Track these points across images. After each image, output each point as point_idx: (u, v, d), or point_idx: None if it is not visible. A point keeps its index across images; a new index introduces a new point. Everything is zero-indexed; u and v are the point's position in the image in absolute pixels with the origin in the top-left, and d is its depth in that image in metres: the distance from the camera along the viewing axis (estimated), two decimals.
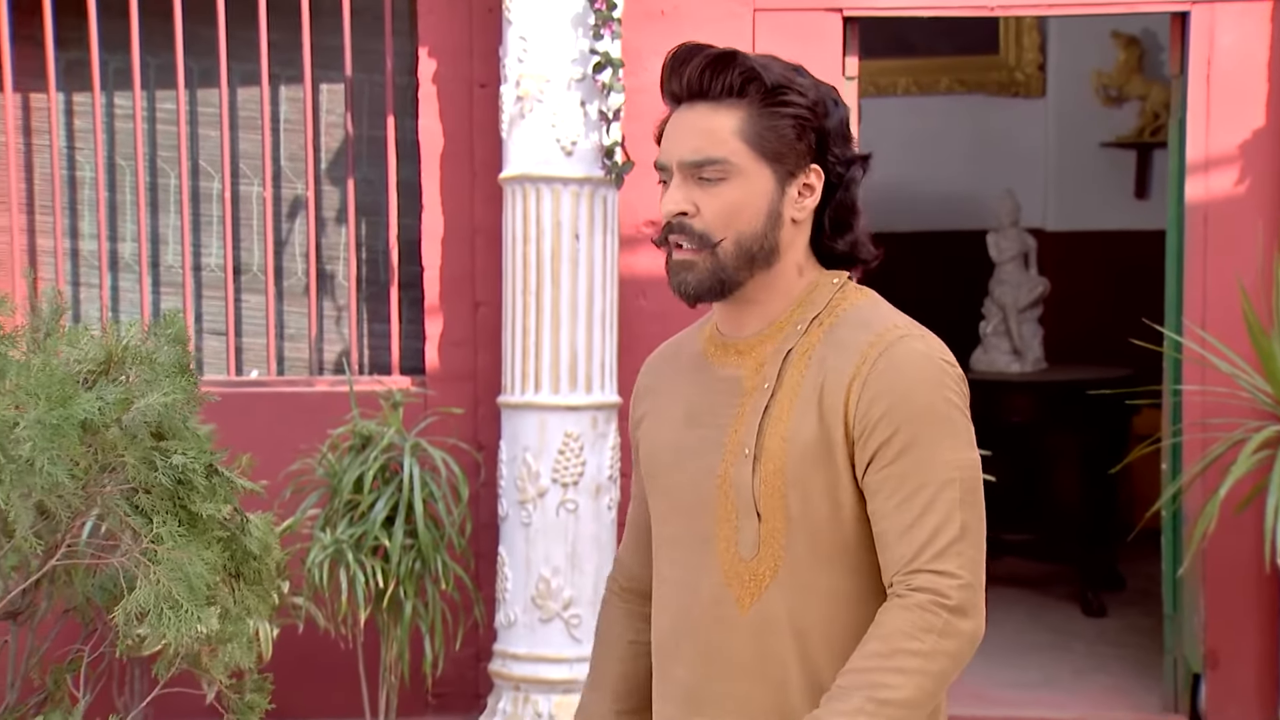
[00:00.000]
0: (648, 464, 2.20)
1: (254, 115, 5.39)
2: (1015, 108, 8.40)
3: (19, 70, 5.35)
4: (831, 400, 2.03)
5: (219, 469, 2.43)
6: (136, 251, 5.39)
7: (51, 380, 2.21)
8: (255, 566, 2.65)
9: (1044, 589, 6.97)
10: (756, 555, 2.07)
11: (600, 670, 2.29)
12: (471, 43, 5.10)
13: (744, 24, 5.13)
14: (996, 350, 6.94)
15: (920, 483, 1.99)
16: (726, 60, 2.01)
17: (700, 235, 2.04)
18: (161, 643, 2.28)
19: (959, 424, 2.04)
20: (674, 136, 2.06)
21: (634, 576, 2.31)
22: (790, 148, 2.04)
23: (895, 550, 2.00)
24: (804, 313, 2.11)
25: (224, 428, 4.90)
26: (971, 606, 1.99)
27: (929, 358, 2.04)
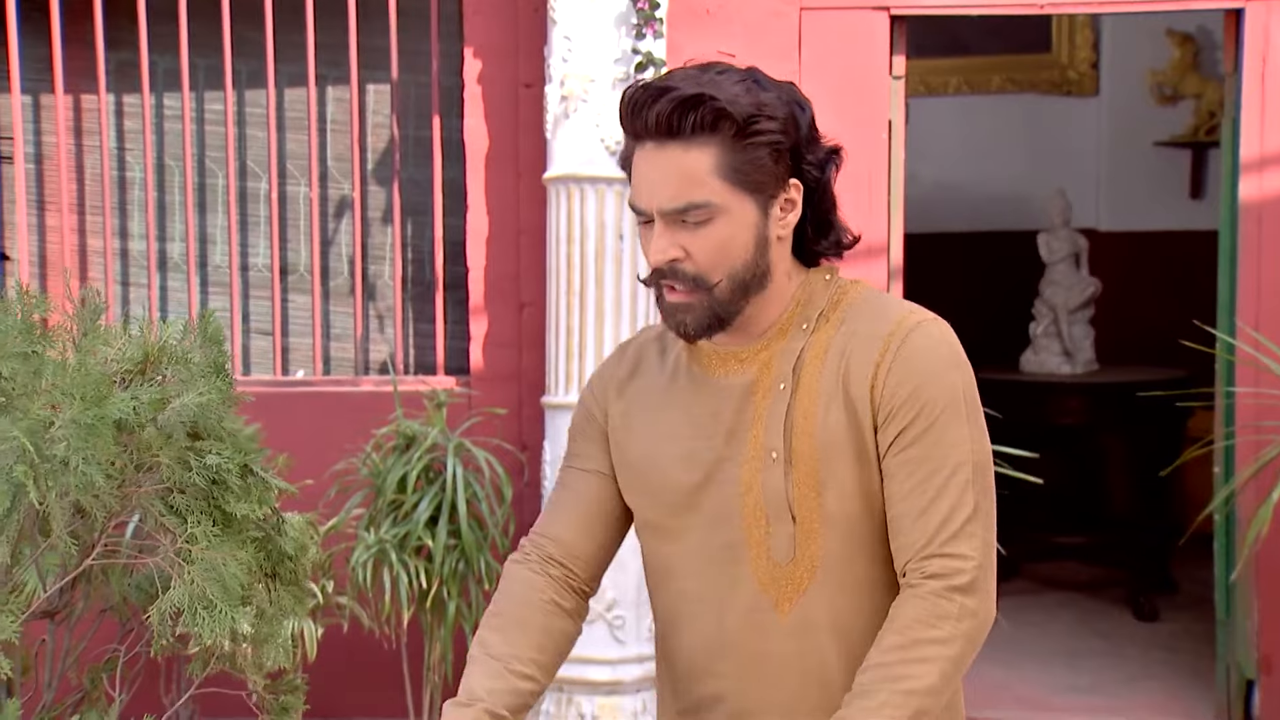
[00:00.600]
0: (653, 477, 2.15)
1: (301, 116, 5.40)
2: (1068, 107, 8.33)
3: (70, 71, 5.39)
4: (858, 390, 2.02)
5: (254, 469, 2.43)
6: (184, 251, 5.41)
7: (87, 380, 2.22)
8: (291, 567, 2.65)
9: (1096, 593, 6.91)
10: (793, 559, 2.06)
11: (516, 617, 2.14)
12: (517, 43, 5.09)
13: (789, 23, 5.09)
14: (1047, 352, 6.88)
15: (936, 465, 2.00)
16: (696, 101, 1.94)
17: (694, 278, 2.01)
18: (195, 645, 2.28)
19: (973, 407, 2.06)
20: (650, 182, 2.00)
21: (568, 549, 2.20)
22: (769, 174, 2.00)
23: (910, 535, 2.01)
24: (806, 311, 2.09)
25: (270, 427, 4.93)
26: (983, 588, 2.00)
27: (946, 342, 2.05)
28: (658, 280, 2.03)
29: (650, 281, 2.05)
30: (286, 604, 2.64)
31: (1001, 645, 6.06)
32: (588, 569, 2.21)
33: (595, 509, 2.21)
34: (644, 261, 4.68)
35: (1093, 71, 8.33)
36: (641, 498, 2.17)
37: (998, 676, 5.77)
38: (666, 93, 1.95)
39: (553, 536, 2.21)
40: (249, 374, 5.46)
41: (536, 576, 2.18)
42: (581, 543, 2.20)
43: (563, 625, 2.16)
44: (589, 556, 2.21)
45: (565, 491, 2.24)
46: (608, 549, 2.23)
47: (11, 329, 2.29)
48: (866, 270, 5.12)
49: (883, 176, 5.16)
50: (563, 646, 2.17)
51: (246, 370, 5.47)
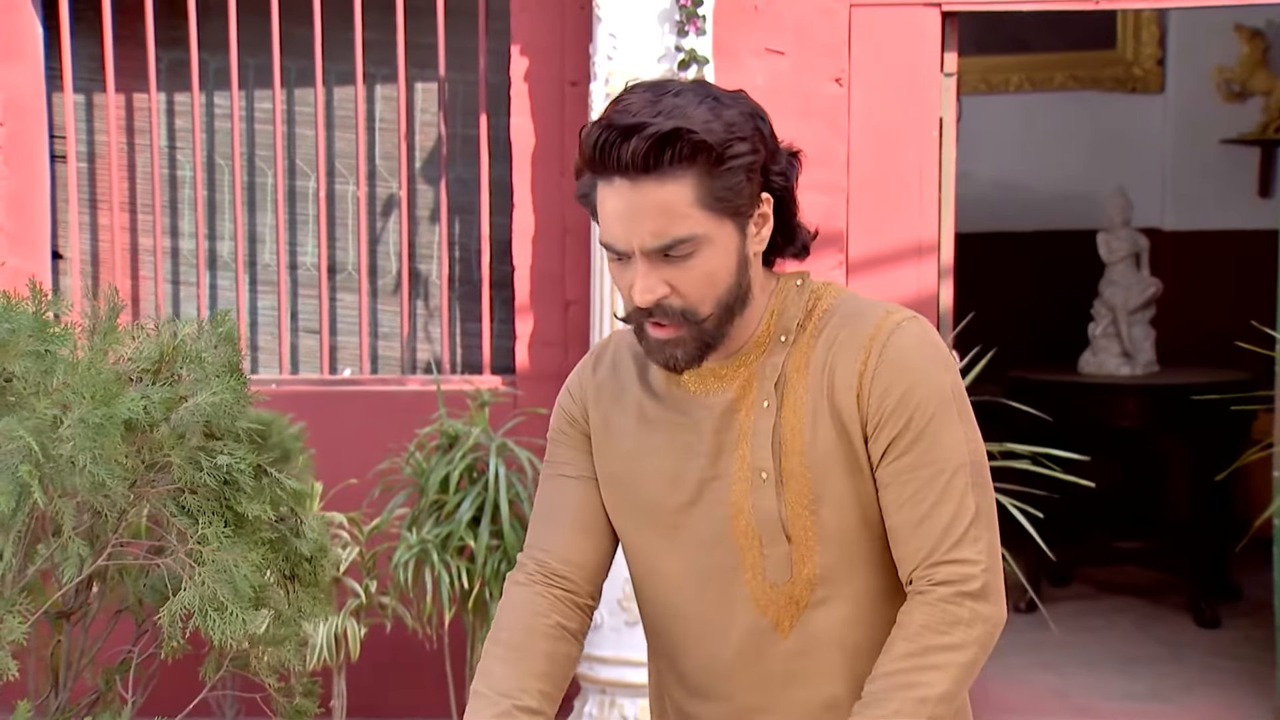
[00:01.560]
0: (635, 496, 2.09)
1: (350, 114, 5.40)
2: (1132, 104, 8.20)
3: (122, 71, 5.42)
4: (844, 400, 1.96)
5: (268, 470, 2.41)
6: (234, 250, 5.42)
7: (97, 379, 2.20)
8: (310, 568, 2.63)
9: (1155, 598, 6.79)
10: (790, 579, 2.00)
11: (520, 645, 2.06)
12: (563, 41, 5.07)
13: (839, 20, 5.04)
14: (1106, 353, 6.78)
15: (934, 471, 1.94)
16: (672, 136, 1.86)
17: (683, 313, 1.94)
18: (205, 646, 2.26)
19: (963, 405, 2.00)
20: (626, 219, 1.91)
21: (569, 562, 2.13)
22: (746, 196, 1.94)
23: (912, 543, 1.96)
24: (782, 323, 2.03)
25: (316, 426, 4.94)
26: (994, 590, 1.95)
27: (930, 341, 1.99)
28: (641, 319, 1.96)
29: (632, 319, 1.98)
30: (306, 606, 2.62)
31: (1056, 651, 5.99)
32: (591, 581, 2.15)
33: (590, 518, 2.14)
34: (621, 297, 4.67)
35: (1158, 68, 8.20)
36: (627, 518, 2.11)
37: (1051, 683, 5.69)
38: (637, 130, 1.87)
39: (553, 551, 2.14)
40: (297, 373, 5.47)
41: (540, 599, 2.11)
42: (582, 555, 2.14)
43: (567, 649, 2.10)
44: (591, 567, 2.14)
45: (556, 502, 2.17)
46: (608, 555, 2.17)
47: (23, 327, 2.28)
48: (917, 270, 5.06)
49: (933, 175, 5.09)
50: (567, 671, 2.11)
51: (295, 369, 5.48)
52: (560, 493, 2.16)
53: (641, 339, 1.98)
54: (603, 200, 1.92)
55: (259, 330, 5.49)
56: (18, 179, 5.32)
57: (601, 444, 2.12)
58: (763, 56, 4.99)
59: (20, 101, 5.32)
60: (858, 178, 5.08)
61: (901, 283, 5.07)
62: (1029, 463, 4.81)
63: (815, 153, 4.97)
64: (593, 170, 1.92)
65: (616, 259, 1.95)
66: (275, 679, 2.47)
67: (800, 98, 5.03)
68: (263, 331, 5.49)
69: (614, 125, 1.88)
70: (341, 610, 4.53)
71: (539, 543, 2.16)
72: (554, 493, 2.17)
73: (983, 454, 1.99)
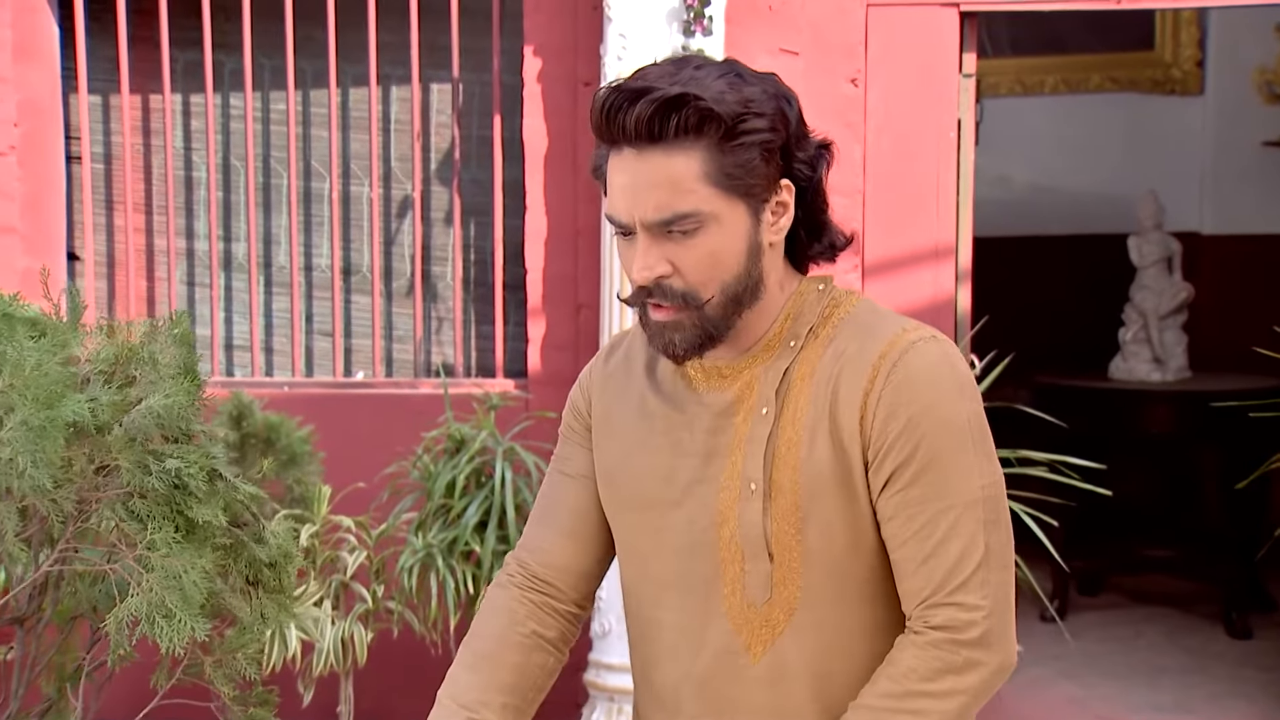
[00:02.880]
0: (625, 490, 2.00)
1: (365, 116, 5.37)
2: (1171, 106, 8.07)
3: (138, 72, 5.41)
4: (846, 421, 1.85)
5: (223, 474, 2.37)
6: (249, 251, 5.41)
7: (41, 381, 2.17)
8: (274, 574, 2.59)
9: (1186, 608, 6.67)
10: (769, 599, 1.89)
11: (488, 654, 2.00)
12: (576, 41, 5.02)
13: (855, 20, 4.96)
14: (1136, 359, 6.67)
15: (941, 506, 1.82)
16: (678, 102, 1.77)
17: (684, 294, 1.84)
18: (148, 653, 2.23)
19: (981, 435, 1.86)
20: (631, 192, 1.82)
21: (553, 566, 2.05)
22: (760, 176, 1.83)
23: (914, 581, 1.85)
24: (795, 327, 1.92)
25: (328, 429, 4.92)
26: (997, 636, 1.82)
27: (947, 362, 1.86)
28: (642, 299, 1.86)
29: (633, 300, 1.88)
30: (270, 612, 2.58)
31: (1080, 661, 5.89)
32: (578, 586, 2.07)
33: (581, 521, 2.06)
34: (625, 278, 4.62)
35: (1198, 70, 8.07)
36: (618, 515, 2.02)
37: (1071, 692, 5.60)
38: (645, 94, 1.78)
39: (537, 553, 2.07)
40: (311, 375, 5.45)
41: (518, 605, 2.04)
42: (569, 558, 2.06)
43: (541, 660, 2.03)
44: (579, 571, 2.07)
45: (551, 501, 2.09)
46: (600, 561, 2.08)
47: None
48: (934, 273, 4.99)
49: (951, 177, 5.01)
50: (541, 682, 2.04)
51: (309, 371, 5.46)
52: (556, 492, 2.09)
53: (644, 323, 1.90)
54: (611, 172, 1.85)
55: (273, 332, 5.47)
56: (33, 180, 5.32)
57: (601, 437, 2.04)
58: (777, 57, 4.92)
59: (36, 102, 5.32)
60: (874, 180, 5.00)
61: (918, 286, 4.99)
62: (1047, 470, 4.71)
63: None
64: (600, 137, 1.85)
65: (622, 234, 1.86)
66: (231, 688, 2.42)
67: (815, 99, 4.95)
68: (277, 333, 5.47)
69: (623, 89, 1.80)
70: (349, 615, 4.49)
71: (526, 543, 2.10)
72: (551, 491, 2.10)
73: (1000, 488, 1.87)
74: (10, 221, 5.23)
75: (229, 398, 4.69)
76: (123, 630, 2.22)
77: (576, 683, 4.98)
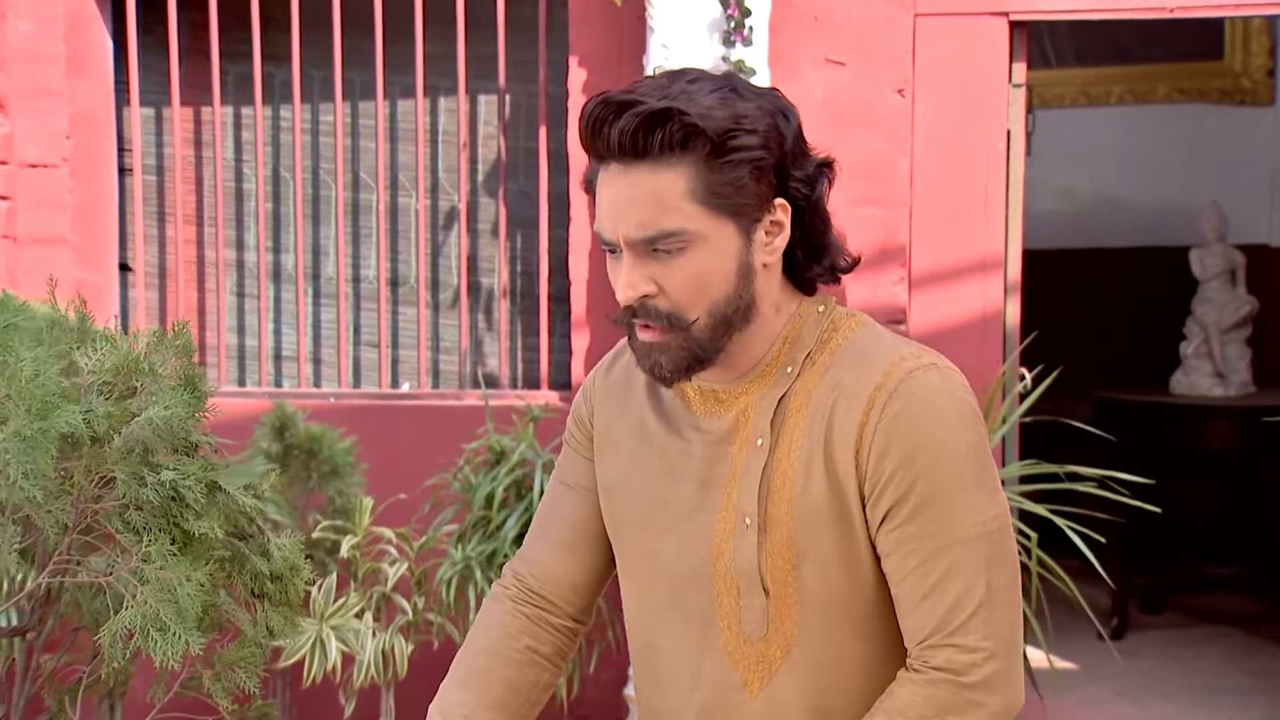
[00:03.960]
0: (623, 510, 1.96)
1: (412, 127, 5.38)
2: (1240, 116, 7.93)
3: (190, 84, 5.45)
4: (842, 454, 1.79)
5: (223, 487, 2.36)
6: (303, 263, 5.43)
7: (34, 392, 2.17)
8: (280, 588, 2.58)
9: (1250, 628, 6.53)
10: (765, 635, 1.84)
11: (480, 670, 1.98)
12: (620, 52, 5.00)
13: (903, 29, 4.91)
14: (1198, 373, 6.55)
15: (941, 543, 1.76)
16: (662, 116, 1.72)
17: (669, 315, 1.78)
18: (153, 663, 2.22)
19: (983, 467, 1.80)
20: (615, 208, 1.77)
21: (549, 579, 2.03)
22: (751, 195, 1.77)
23: (912, 619, 1.79)
24: (793, 352, 1.86)
25: (373, 441, 4.92)
26: (1001, 679, 1.76)
27: (946, 391, 1.79)
28: (628, 319, 1.81)
29: (620, 320, 1.83)
30: (276, 626, 2.57)
31: (1138, 681, 5.78)
32: (573, 600, 2.04)
33: (579, 534, 2.02)
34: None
35: (1268, 79, 7.93)
36: (618, 533, 1.98)
37: (1128, 712, 5.49)
38: (629, 107, 1.73)
39: (534, 566, 2.05)
40: (358, 386, 5.45)
41: (512, 619, 2.02)
42: (566, 571, 2.03)
43: (534, 675, 2.01)
44: (575, 585, 2.04)
45: (549, 511, 2.07)
46: (598, 574, 2.05)
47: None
48: (982, 286, 4.92)
49: (1000, 189, 4.94)
50: (534, 697, 2.02)
51: (356, 383, 5.46)
52: (555, 503, 2.06)
53: (632, 343, 1.85)
54: (599, 188, 1.80)
55: (321, 343, 5.48)
56: (85, 192, 5.36)
57: (603, 450, 2.00)
58: (822, 67, 4.87)
59: (88, 115, 5.36)
60: (921, 191, 4.94)
61: (966, 299, 4.93)
62: (1096, 485, 4.62)
63: (876, 166, 4.89)
64: (587, 150, 1.81)
65: (609, 252, 1.82)
66: (229, 701, 2.41)
67: (861, 109, 4.91)
68: (325, 345, 5.48)
69: (610, 101, 1.75)
70: (390, 627, 4.49)
71: (523, 555, 2.07)
72: (550, 502, 2.07)
73: (1004, 523, 1.80)
74: (62, 233, 5.28)
75: (272, 408, 4.70)
76: (117, 643, 2.21)
77: (619, 698, 4.96)
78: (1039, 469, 4.60)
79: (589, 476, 2.02)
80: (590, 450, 2.03)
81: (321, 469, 4.75)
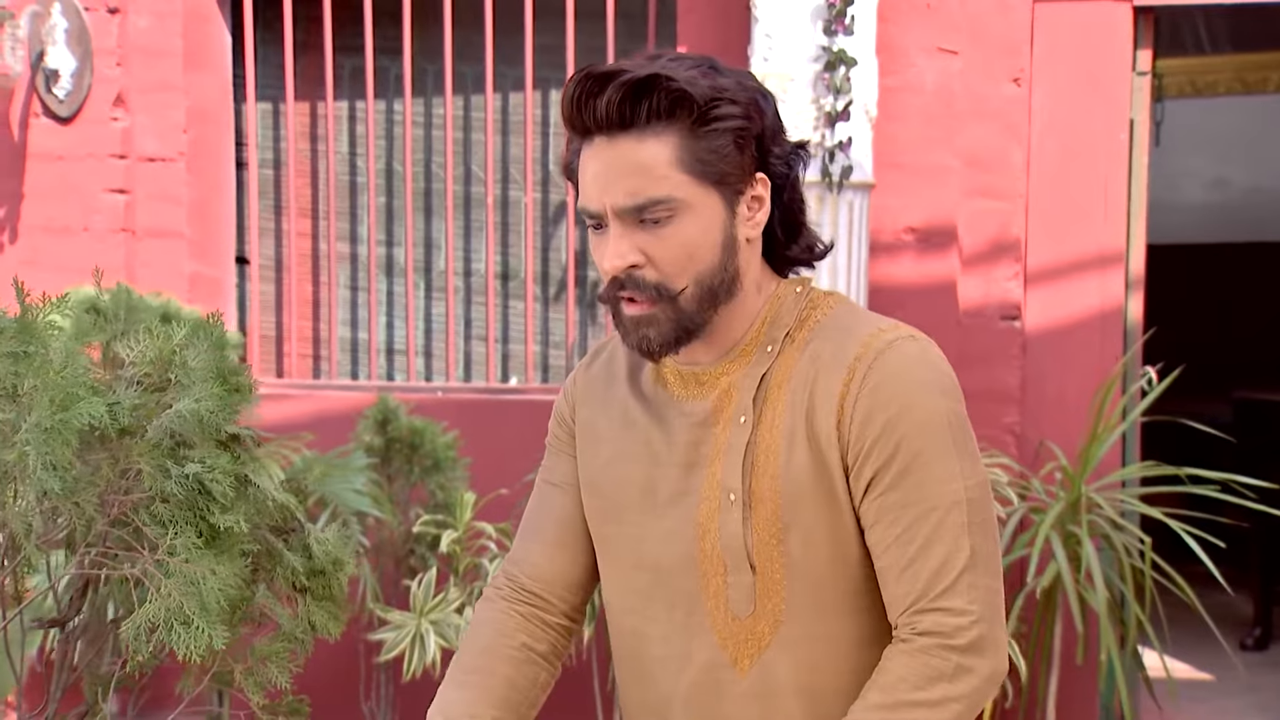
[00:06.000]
0: (607, 500, 1.94)
1: (523, 120, 5.34)
2: None
3: (306, 78, 5.48)
4: (824, 426, 1.78)
5: (253, 480, 2.33)
6: (414, 257, 5.43)
7: (58, 383, 2.16)
8: (324, 582, 2.55)
9: None
10: (753, 612, 1.83)
11: (478, 669, 1.96)
12: (727, 42, 4.90)
13: (1020, 16, 4.75)
14: None
15: (924, 509, 1.76)
16: (648, 84, 1.74)
17: (657, 286, 1.78)
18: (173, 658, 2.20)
19: (962, 435, 1.79)
20: (602, 179, 1.78)
21: (541, 577, 2.01)
22: (734, 165, 1.78)
23: (898, 587, 1.77)
24: (772, 331, 1.86)
25: (479, 435, 4.90)
26: (988, 642, 1.76)
27: (925, 361, 1.79)
28: (614, 292, 1.81)
29: (606, 296, 1.83)
30: (319, 620, 2.54)
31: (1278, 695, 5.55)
32: (566, 597, 2.02)
33: (569, 530, 2.01)
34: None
35: None
36: (602, 527, 1.96)
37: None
38: (614, 77, 1.74)
39: (525, 565, 2.03)
40: (469, 380, 5.44)
41: (505, 618, 2.01)
42: (557, 569, 2.01)
43: (532, 673, 1.98)
44: (568, 582, 2.02)
45: (537, 510, 2.05)
46: (589, 570, 2.02)
47: (6, 328, 2.25)
48: (1101, 281, 4.74)
49: (1122, 180, 4.76)
50: (533, 696, 1.99)
51: (466, 377, 5.45)
52: (543, 502, 2.05)
53: (617, 320, 1.84)
54: (583, 163, 1.81)
55: (432, 337, 5.48)
56: (201, 186, 5.42)
57: (584, 446, 1.99)
58: (934, 56, 4.74)
59: (205, 109, 5.42)
60: (1038, 184, 4.78)
61: (1083, 295, 4.76)
62: (1218, 489, 4.43)
63: (990, 157, 4.74)
64: (572, 127, 1.81)
65: (595, 228, 1.81)
66: (262, 696, 2.39)
67: (974, 100, 4.76)
68: (435, 338, 5.48)
69: (593, 75, 1.76)
70: None
71: (514, 555, 2.07)
72: (537, 502, 2.06)
73: (984, 490, 1.80)
74: (178, 226, 5.33)
75: (375, 402, 4.70)
76: (141, 636, 2.19)
77: None
78: (1158, 471, 4.43)
79: (574, 475, 2.02)
80: (573, 448, 2.03)
81: (423, 463, 4.74)
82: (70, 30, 5.26)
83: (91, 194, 5.34)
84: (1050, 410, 4.78)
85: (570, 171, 1.86)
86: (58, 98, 5.31)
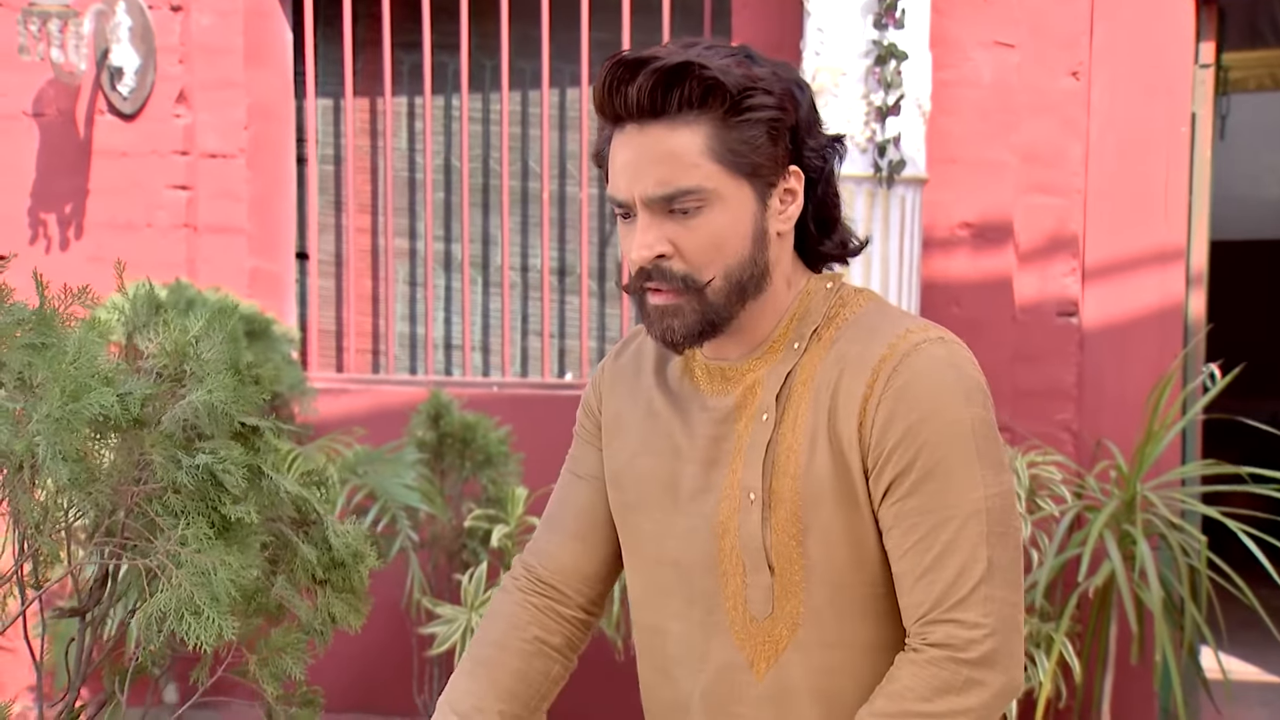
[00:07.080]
0: (630, 493, 1.91)
1: (579, 115, 5.34)
2: None
3: (366, 75, 5.51)
4: (845, 428, 1.74)
5: (267, 472, 2.34)
6: (472, 252, 5.44)
7: (69, 374, 2.17)
8: (344, 574, 2.55)
9: None
10: (771, 614, 1.80)
11: (487, 660, 1.96)
12: (781, 37, 4.88)
13: (1079, 8, 4.68)
14: None
15: (942, 517, 1.71)
16: (681, 72, 1.70)
17: (684, 278, 1.74)
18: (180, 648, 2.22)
19: (988, 442, 1.74)
20: (632, 166, 1.74)
21: (559, 569, 1.99)
22: (767, 156, 1.74)
23: (913, 595, 1.73)
24: (800, 328, 1.82)
25: (533, 430, 4.90)
26: (1002, 656, 1.71)
27: (952, 365, 1.74)
28: (640, 283, 1.77)
29: (632, 287, 1.79)
30: (339, 612, 2.54)
31: None
32: (583, 590, 2.00)
33: (589, 523, 1.98)
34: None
35: None
36: (625, 520, 1.94)
37: None
38: (647, 64, 1.71)
39: (544, 556, 2.01)
40: (525, 375, 5.45)
41: (520, 610, 1.99)
42: (575, 561, 1.99)
43: (544, 666, 1.97)
44: (585, 575, 2.00)
45: (559, 502, 2.03)
46: (608, 564, 2.00)
47: (25, 320, 2.28)
48: (1161, 277, 4.67)
49: (1183, 175, 4.68)
50: (545, 689, 1.98)
51: (523, 372, 5.46)
52: (565, 493, 2.03)
53: (642, 311, 1.80)
54: (614, 153, 1.78)
55: (489, 332, 5.49)
56: (262, 181, 5.46)
57: (610, 438, 1.97)
58: (990, 49, 4.68)
59: (266, 106, 5.46)
60: (1097, 179, 4.71)
61: (1143, 291, 4.68)
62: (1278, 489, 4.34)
63: (1047, 152, 4.68)
64: (603, 114, 1.78)
65: (623, 217, 1.79)
66: (276, 686, 2.39)
67: (1032, 94, 4.70)
68: (492, 334, 5.48)
69: (625, 62, 1.73)
70: None
71: (533, 546, 2.05)
72: (560, 493, 2.04)
73: (1008, 500, 1.75)
74: (239, 222, 5.38)
75: (428, 397, 4.71)
76: (151, 626, 2.20)
77: None
78: (1218, 470, 4.34)
79: (598, 466, 1.99)
80: (599, 439, 2.00)
81: (475, 458, 4.74)
82: (134, 28, 5.32)
83: (154, 190, 5.40)
84: (1108, 408, 4.71)
85: (601, 159, 1.83)
86: (122, 95, 5.37)
